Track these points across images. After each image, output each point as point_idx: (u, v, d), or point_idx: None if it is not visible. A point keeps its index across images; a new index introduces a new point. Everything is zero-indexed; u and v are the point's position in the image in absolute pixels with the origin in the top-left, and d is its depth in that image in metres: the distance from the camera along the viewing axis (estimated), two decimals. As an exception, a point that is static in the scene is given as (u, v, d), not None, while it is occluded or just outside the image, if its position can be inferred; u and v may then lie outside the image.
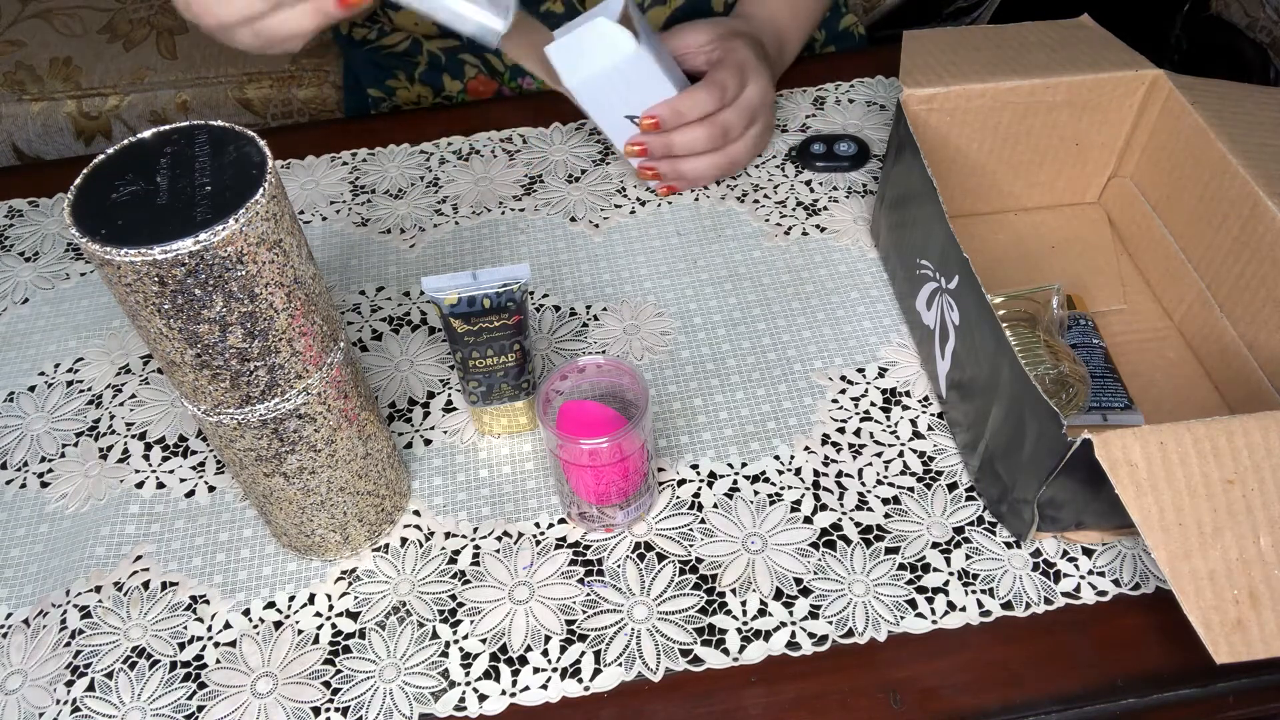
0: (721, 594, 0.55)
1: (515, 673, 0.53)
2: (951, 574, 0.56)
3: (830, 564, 0.56)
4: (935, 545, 0.57)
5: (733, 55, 0.74)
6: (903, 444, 0.62)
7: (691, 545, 0.58)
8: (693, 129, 0.73)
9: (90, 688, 0.53)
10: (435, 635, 0.54)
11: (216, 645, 0.55)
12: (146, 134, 0.45)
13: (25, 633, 0.56)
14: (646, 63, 0.69)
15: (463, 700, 0.52)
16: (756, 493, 0.60)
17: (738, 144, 0.76)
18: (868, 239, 0.74)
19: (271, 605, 0.56)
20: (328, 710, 0.52)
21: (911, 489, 0.60)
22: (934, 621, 0.54)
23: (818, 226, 0.76)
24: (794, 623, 0.54)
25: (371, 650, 0.54)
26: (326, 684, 0.53)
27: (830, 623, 0.54)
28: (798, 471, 0.61)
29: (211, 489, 0.62)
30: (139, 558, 0.59)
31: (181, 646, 0.55)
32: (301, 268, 0.45)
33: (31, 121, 1.34)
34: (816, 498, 0.59)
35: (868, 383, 0.65)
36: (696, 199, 0.79)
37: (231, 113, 1.37)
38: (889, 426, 0.63)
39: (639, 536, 0.58)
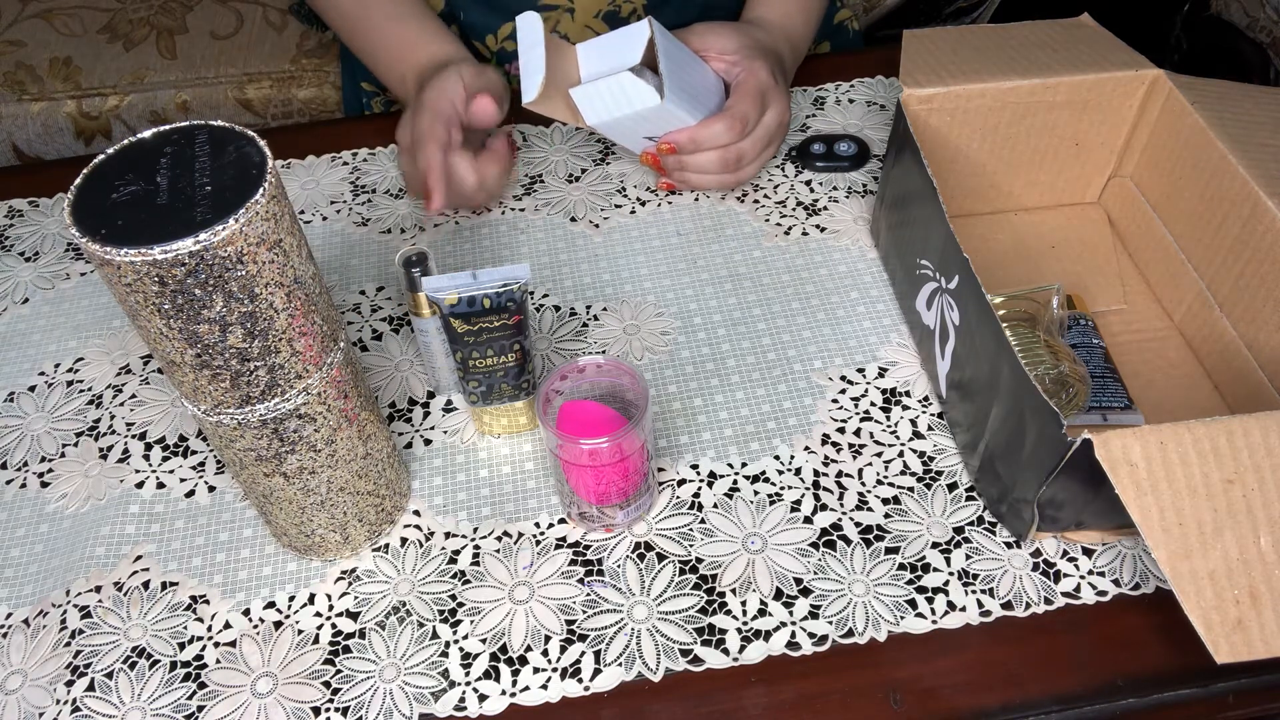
0: (721, 594, 0.55)
1: (515, 673, 0.53)
2: (951, 574, 0.56)
3: (830, 564, 0.56)
4: (935, 545, 0.57)
5: (754, 79, 0.73)
6: (903, 444, 0.62)
7: (691, 545, 0.58)
8: (708, 154, 0.73)
9: (90, 688, 0.53)
10: (435, 635, 0.54)
11: (216, 645, 0.55)
12: (146, 134, 0.45)
13: (25, 633, 0.56)
14: (669, 109, 0.69)
15: (463, 700, 0.52)
16: (756, 493, 0.60)
17: (748, 168, 0.76)
18: (868, 239, 0.74)
19: (271, 605, 0.56)
20: (328, 710, 0.52)
21: (911, 489, 0.60)
22: (934, 621, 0.54)
23: (818, 226, 0.76)
24: (794, 623, 0.54)
25: (371, 650, 0.54)
26: (326, 684, 0.53)
27: (830, 623, 0.54)
28: (798, 471, 0.61)
29: (211, 489, 0.62)
30: (139, 558, 0.59)
31: (181, 646, 0.55)
32: (301, 268, 0.45)
33: (31, 121, 1.34)
34: (816, 498, 0.59)
35: (868, 383, 0.65)
36: (696, 199, 0.78)
37: (231, 113, 1.37)
38: (889, 426, 0.63)
39: (639, 536, 0.58)
